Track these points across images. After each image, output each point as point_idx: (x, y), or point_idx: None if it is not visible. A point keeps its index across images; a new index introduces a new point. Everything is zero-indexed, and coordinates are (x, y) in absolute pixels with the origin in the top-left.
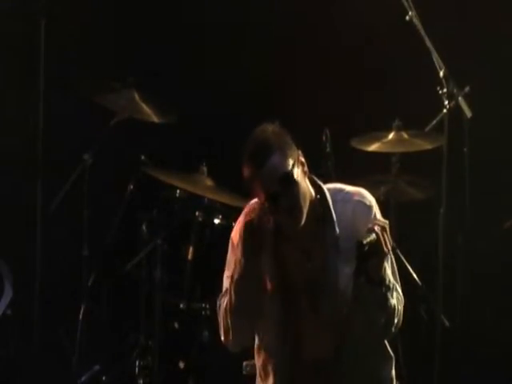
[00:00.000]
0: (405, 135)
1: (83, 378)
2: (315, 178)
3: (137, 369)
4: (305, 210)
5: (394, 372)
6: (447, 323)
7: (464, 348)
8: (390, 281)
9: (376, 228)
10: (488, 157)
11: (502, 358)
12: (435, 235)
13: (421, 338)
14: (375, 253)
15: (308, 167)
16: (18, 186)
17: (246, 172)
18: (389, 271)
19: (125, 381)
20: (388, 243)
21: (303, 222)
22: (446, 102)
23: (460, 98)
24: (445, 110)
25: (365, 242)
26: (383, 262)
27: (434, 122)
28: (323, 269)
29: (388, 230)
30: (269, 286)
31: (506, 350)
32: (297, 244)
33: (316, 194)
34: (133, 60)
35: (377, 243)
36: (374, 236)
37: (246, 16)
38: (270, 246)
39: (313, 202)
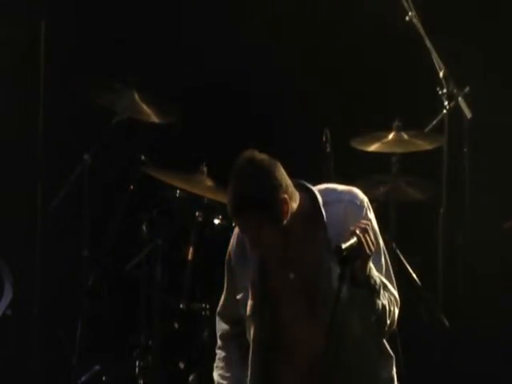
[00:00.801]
0: (405, 135)
1: (83, 378)
2: (303, 182)
3: (137, 369)
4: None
5: (394, 371)
6: (447, 323)
7: (464, 348)
8: (376, 282)
9: (357, 231)
10: (488, 157)
11: (502, 358)
12: (435, 235)
13: (421, 338)
14: (357, 256)
15: (308, 167)
16: (18, 185)
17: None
18: (375, 272)
19: (125, 381)
20: (371, 244)
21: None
22: (446, 103)
23: (460, 99)
24: (445, 111)
25: (343, 246)
26: (367, 264)
27: (434, 122)
28: (318, 270)
29: (370, 230)
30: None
31: (506, 350)
32: (279, 256)
33: (306, 197)
34: (133, 60)
35: (358, 246)
36: (355, 239)
37: (245, 16)
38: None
39: (302, 206)
